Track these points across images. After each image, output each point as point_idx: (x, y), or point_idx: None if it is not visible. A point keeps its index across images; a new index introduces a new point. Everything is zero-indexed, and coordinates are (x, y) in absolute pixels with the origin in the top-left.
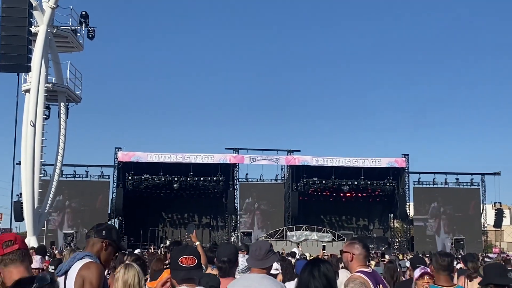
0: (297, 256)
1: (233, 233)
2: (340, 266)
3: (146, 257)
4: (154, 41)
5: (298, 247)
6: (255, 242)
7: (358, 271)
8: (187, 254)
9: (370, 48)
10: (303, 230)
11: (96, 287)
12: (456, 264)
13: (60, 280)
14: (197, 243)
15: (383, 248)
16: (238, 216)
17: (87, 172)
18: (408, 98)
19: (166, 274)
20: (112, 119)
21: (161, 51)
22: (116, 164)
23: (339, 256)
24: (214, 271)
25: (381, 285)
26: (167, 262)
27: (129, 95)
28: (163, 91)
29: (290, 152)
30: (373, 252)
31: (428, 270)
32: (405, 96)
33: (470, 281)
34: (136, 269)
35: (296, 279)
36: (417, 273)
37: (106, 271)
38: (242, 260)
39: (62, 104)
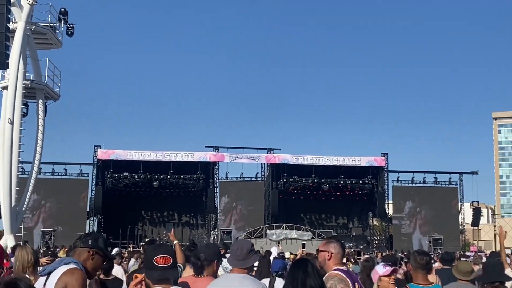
0: (275, 255)
1: (213, 231)
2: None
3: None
4: (135, 39)
5: (278, 245)
6: (237, 242)
7: (335, 269)
8: (162, 254)
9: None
10: (282, 228)
11: None
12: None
13: (42, 279)
14: (175, 241)
15: (362, 247)
16: (218, 215)
17: (65, 170)
18: (388, 98)
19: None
20: (91, 117)
21: (141, 49)
22: (95, 162)
23: (315, 255)
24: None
25: (357, 284)
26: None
27: (109, 92)
28: (143, 89)
29: (270, 150)
30: (352, 250)
31: (389, 268)
32: (385, 96)
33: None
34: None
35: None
36: (381, 269)
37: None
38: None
39: (40, 102)
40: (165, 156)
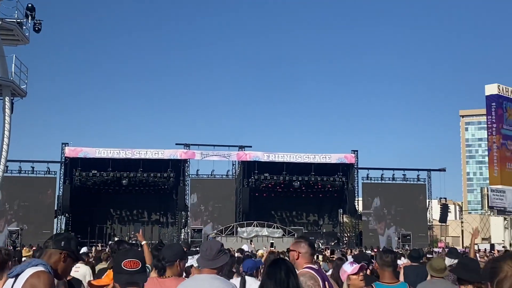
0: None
1: (183, 229)
2: None
3: (93, 255)
4: (102, 34)
5: (250, 243)
6: (206, 242)
7: (305, 268)
8: (131, 258)
9: (318, 47)
10: (253, 226)
11: None
12: (400, 258)
13: (10, 281)
14: (144, 242)
15: (332, 244)
16: (189, 213)
17: (33, 168)
18: (358, 96)
19: (106, 278)
20: (59, 114)
21: (109, 45)
22: (63, 160)
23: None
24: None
25: (327, 283)
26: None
27: (77, 89)
28: (111, 85)
29: (241, 148)
30: (322, 247)
31: (357, 266)
32: (355, 94)
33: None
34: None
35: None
36: (349, 267)
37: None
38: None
39: (6, 99)
40: (134, 154)
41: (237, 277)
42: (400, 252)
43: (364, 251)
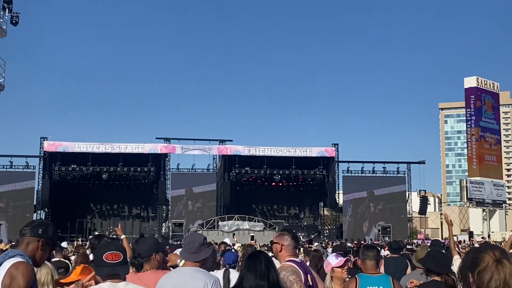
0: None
1: (164, 223)
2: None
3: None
4: (81, 27)
5: (233, 237)
6: (189, 235)
7: (287, 261)
8: (112, 250)
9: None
10: (235, 219)
11: None
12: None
13: None
14: (123, 236)
15: (313, 236)
16: (169, 207)
17: (11, 162)
18: (338, 89)
19: (76, 276)
20: (37, 108)
21: (87, 38)
22: (42, 154)
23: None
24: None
25: (309, 276)
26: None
27: (55, 82)
28: (91, 79)
29: (222, 142)
30: (303, 240)
31: (342, 259)
32: (335, 88)
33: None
34: (49, 267)
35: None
36: (334, 260)
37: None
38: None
39: None
40: (114, 148)
41: (220, 269)
42: (380, 244)
43: (345, 243)
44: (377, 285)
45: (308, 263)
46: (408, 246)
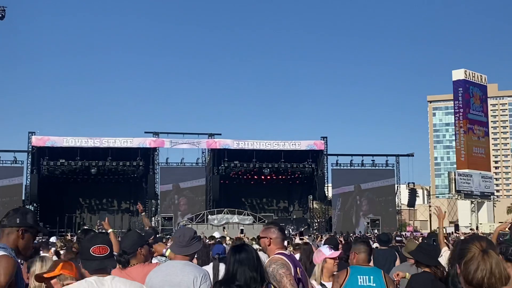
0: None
1: (153, 218)
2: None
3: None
4: (68, 20)
5: (223, 230)
6: (179, 229)
7: (277, 253)
8: (99, 244)
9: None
10: (224, 213)
11: (4, 284)
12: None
13: None
14: (110, 230)
15: (302, 229)
16: (159, 201)
17: None
18: (327, 82)
19: (57, 271)
20: (25, 102)
21: (75, 31)
22: (30, 149)
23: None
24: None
25: (298, 268)
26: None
27: (43, 76)
28: (79, 73)
29: (211, 135)
30: (293, 233)
31: (337, 252)
32: (324, 81)
33: None
34: (44, 259)
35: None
36: (328, 251)
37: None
38: None
39: None
40: (103, 143)
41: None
42: (369, 236)
43: (334, 235)
44: (368, 275)
45: (298, 256)
46: (397, 238)
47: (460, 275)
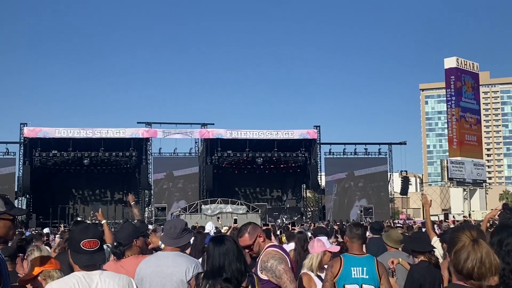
0: (209, 230)
1: (147, 208)
2: None
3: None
4: (61, 8)
5: (218, 220)
6: (170, 220)
7: (269, 246)
8: (90, 238)
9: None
10: (217, 203)
11: None
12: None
13: None
14: (104, 221)
15: (296, 218)
16: (152, 191)
17: None
18: (319, 71)
19: (36, 271)
20: (16, 93)
21: (68, 20)
22: (22, 140)
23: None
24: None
25: (288, 258)
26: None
27: (34, 67)
28: (71, 63)
29: (204, 125)
30: (286, 222)
31: (338, 247)
32: (317, 69)
33: None
34: (48, 250)
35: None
36: (328, 244)
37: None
38: None
39: None
40: (95, 133)
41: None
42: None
43: (328, 224)
44: (361, 266)
45: (293, 245)
46: (398, 225)
47: (450, 264)
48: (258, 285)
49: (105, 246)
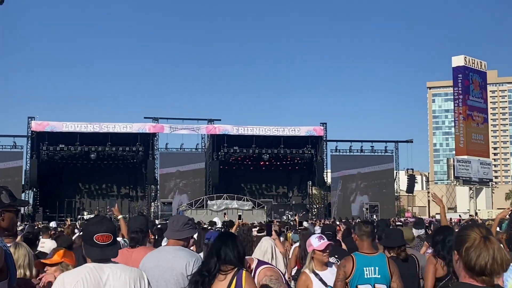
0: (218, 226)
1: (153, 203)
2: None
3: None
4: (71, 6)
5: (224, 216)
6: (174, 216)
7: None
8: (103, 232)
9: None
10: (223, 199)
11: None
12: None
13: None
14: (120, 216)
15: (301, 215)
16: (158, 186)
17: None
18: (327, 68)
19: (59, 258)
20: (24, 87)
21: (75, 17)
22: (30, 134)
23: (250, 223)
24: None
25: (280, 272)
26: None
27: (42, 61)
28: (78, 58)
29: (210, 121)
30: (292, 219)
31: (324, 242)
32: (324, 66)
33: None
34: (26, 249)
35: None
36: (316, 242)
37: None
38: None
39: None
40: (102, 128)
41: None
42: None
43: (334, 221)
44: (374, 266)
45: (298, 243)
46: (398, 223)
47: (459, 261)
48: (247, 280)
49: (119, 239)
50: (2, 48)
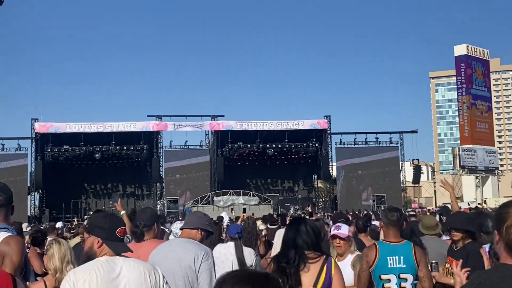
0: (226, 221)
1: (159, 201)
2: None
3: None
4: (73, 4)
5: (231, 211)
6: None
7: None
8: (122, 225)
9: (289, 12)
10: (229, 194)
11: (17, 264)
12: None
13: None
14: (123, 212)
15: (309, 208)
16: (164, 184)
17: (3, 145)
18: (329, 61)
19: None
20: (27, 89)
21: (78, 16)
22: (34, 136)
23: (256, 217)
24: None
25: None
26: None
27: (45, 62)
28: (81, 58)
29: (214, 117)
30: (299, 212)
31: (341, 231)
32: (326, 59)
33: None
34: (67, 244)
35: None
36: (332, 229)
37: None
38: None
39: None
40: (106, 127)
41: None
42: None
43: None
44: (398, 255)
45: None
46: (411, 213)
47: (500, 240)
48: (336, 268)
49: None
50: (4, 49)
